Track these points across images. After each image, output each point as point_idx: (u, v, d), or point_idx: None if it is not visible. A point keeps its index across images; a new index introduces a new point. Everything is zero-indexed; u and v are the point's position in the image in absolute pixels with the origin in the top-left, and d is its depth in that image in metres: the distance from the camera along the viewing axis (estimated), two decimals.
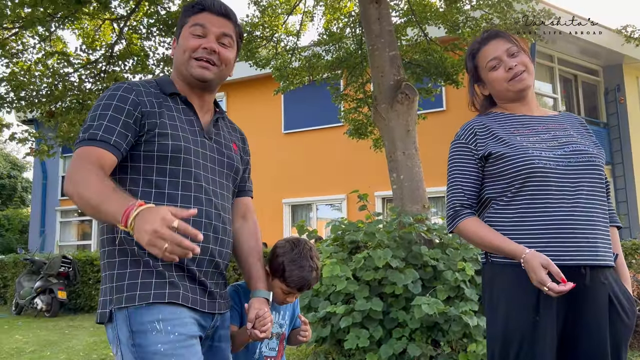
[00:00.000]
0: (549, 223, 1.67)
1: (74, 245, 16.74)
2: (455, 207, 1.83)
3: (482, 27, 7.41)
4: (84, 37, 7.56)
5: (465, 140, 1.84)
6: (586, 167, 1.73)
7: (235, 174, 1.72)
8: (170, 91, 1.61)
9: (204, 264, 1.54)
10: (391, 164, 5.19)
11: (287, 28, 8.93)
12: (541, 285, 1.58)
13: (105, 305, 1.47)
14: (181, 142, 1.53)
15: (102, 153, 1.44)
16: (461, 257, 4.29)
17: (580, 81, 12.56)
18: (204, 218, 1.53)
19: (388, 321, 4.07)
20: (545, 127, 1.84)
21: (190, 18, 1.64)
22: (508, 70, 1.81)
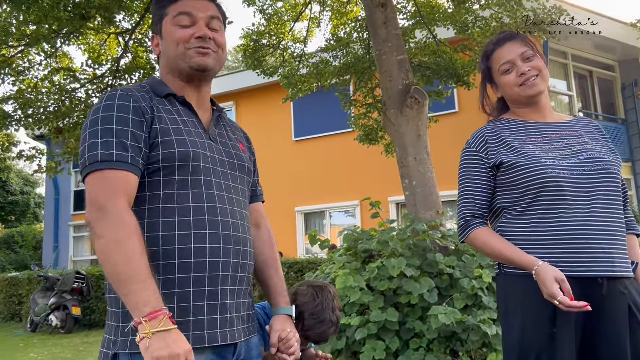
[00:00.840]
0: (564, 234, 1.64)
1: (88, 260, 16.87)
2: (466, 217, 1.81)
3: (492, 26, 7.35)
4: (89, 52, 7.64)
5: (476, 149, 1.82)
6: (602, 176, 1.70)
7: (248, 175, 1.58)
8: (166, 93, 1.47)
9: (228, 281, 1.39)
10: (403, 170, 5.15)
11: (294, 35, 8.94)
12: (552, 299, 1.55)
13: (109, 346, 1.33)
14: (189, 147, 1.39)
15: (124, 176, 1.31)
16: (478, 264, 4.23)
17: (596, 77, 12.40)
18: (220, 230, 1.38)
19: (405, 332, 4.02)
20: (558, 135, 1.81)
21: (170, 8, 1.50)
22: (520, 76, 1.79)
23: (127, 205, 1.29)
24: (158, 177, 1.37)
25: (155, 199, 1.36)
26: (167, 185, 1.37)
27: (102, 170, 1.30)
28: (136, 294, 1.20)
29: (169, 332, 1.19)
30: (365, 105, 8.60)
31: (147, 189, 1.36)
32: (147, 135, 1.37)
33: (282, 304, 1.60)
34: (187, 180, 1.38)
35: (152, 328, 1.17)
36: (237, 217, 1.45)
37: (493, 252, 1.73)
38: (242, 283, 1.45)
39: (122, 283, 1.22)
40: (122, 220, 1.26)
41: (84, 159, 1.33)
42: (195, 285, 1.34)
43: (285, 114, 12.92)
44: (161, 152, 1.36)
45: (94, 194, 1.29)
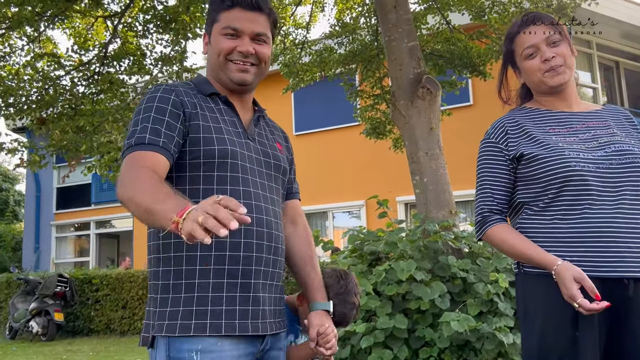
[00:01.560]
0: (588, 231, 1.65)
1: (71, 262, 16.92)
2: (483, 213, 1.82)
3: (510, 12, 7.35)
4: (75, 36, 7.65)
5: (495, 139, 1.83)
6: (630, 169, 1.70)
7: (284, 175, 1.77)
8: (210, 91, 1.66)
9: (260, 275, 1.57)
10: (413, 166, 5.15)
11: (296, 20, 8.96)
12: (571, 301, 1.57)
13: (147, 330, 1.54)
14: (227, 145, 1.57)
15: (153, 156, 1.47)
16: (493, 267, 4.24)
17: (623, 68, 12.38)
18: (255, 226, 1.57)
19: (414, 340, 4.03)
20: (584, 126, 1.82)
21: (220, 15, 1.67)
22: (544, 62, 1.79)
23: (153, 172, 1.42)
24: (198, 172, 1.55)
25: (195, 193, 1.54)
26: (207, 180, 1.55)
27: (135, 151, 1.49)
28: (161, 213, 1.25)
29: (194, 210, 1.19)
30: (372, 96, 8.61)
31: (187, 182, 1.55)
32: (182, 127, 1.55)
33: (320, 299, 1.76)
34: (226, 177, 1.56)
35: (185, 215, 1.18)
36: (270, 214, 1.63)
37: (511, 250, 1.75)
38: (274, 278, 1.63)
39: (149, 213, 1.29)
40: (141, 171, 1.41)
41: (124, 144, 1.54)
42: (229, 277, 1.52)
43: (285, 106, 12.93)
44: (202, 148, 1.55)
45: (123, 166, 1.48)
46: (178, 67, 7.32)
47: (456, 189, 5.47)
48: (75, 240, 17.74)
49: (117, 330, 10.11)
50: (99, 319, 10.28)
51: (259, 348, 1.59)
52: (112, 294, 10.23)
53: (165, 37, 7.40)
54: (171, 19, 6.91)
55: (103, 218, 16.59)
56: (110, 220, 16.83)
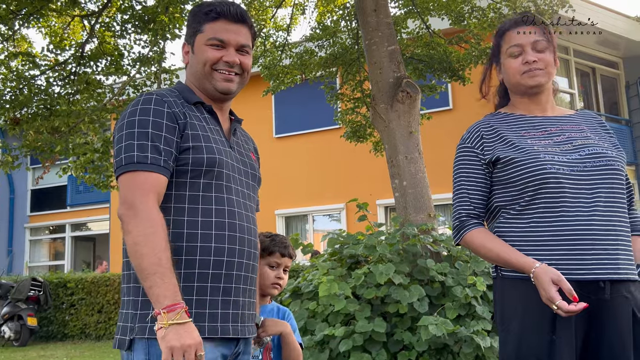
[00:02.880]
0: (565, 235, 1.67)
1: (45, 265, 16.65)
2: (461, 218, 1.84)
3: (489, 17, 7.44)
4: (51, 35, 7.54)
5: (471, 144, 1.85)
6: (604, 172, 1.73)
7: (258, 184, 1.87)
8: (195, 100, 1.71)
9: (241, 280, 1.65)
10: (393, 169, 5.17)
11: (276, 22, 8.95)
12: (550, 303, 1.58)
13: (125, 332, 1.56)
14: (215, 154, 1.63)
15: (156, 178, 1.55)
16: (472, 270, 4.27)
17: (599, 74, 12.61)
18: (237, 232, 1.64)
19: (392, 344, 4.04)
20: (559, 129, 1.84)
21: (205, 26, 1.72)
22: (525, 64, 1.81)
23: (157, 204, 1.53)
24: (185, 178, 1.61)
25: (181, 199, 1.60)
26: (193, 186, 1.61)
27: (137, 171, 1.54)
28: (158, 287, 1.43)
29: (184, 324, 1.42)
30: (352, 99, 8.63)
31: (173, 188, 1.61)
32: (178, 140, 1.60)
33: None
34: (212, 184, 1.63)
35: (169, 319, 1.40)
36: (250, 221, 1.72)
37: (489, 254, 1.76)
38: (252, 283, 1.72)
39: (145, 275, 1.45)
40: (151, 217, 1.49)
41: (120, 158, 1.56)
42: (212, 281, 1.58)
43: (265, 108, 12.90)
44: (191, 156, 1.60)
45: (127, 192, 1.53)
46: (156, 68, 7.26)
47: (435, 193, 5.50)
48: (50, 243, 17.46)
49: (93, 335, 9.96)
50: (73, 324, 10.12)
51: (233, 351, 1.65)
52: (88, 298, 10.09)
53: (144, 38, 7.33)
54: (150, 19, 6.84)
55: (79, 220, 16.36)
56: (86, 223, 16.60)
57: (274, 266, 2.05)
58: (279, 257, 2.05)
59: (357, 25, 7.76)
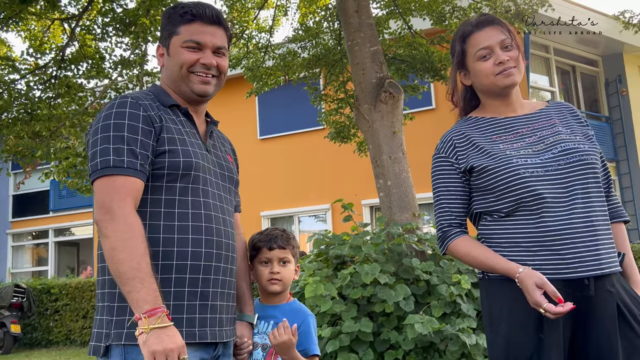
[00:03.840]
0: (546, 236, 1.68)
1: (29, 271, 16.43)
2: (443, 228, 1.86)
3: (470, 17, 7.48)
4: (30, 39, 7.46)
5: (445, 154, 1.86)
6: (578, 168, 1.74)
7: (235, 186, 1.84)
8: (170, 103, 1.69)
9: (218, 284, 1.63)
10: (377, 169, 5.19)
11: (259, 24, 8.93)
12: (537, 307, 1.59)
13: (100, 339, 1.53)
14: (192, 157, 1.61)
15: (133, 182, 1.53)
16: (456, 269, 4.30)
17: (579, 72, 12.76)
18: (214, 236, 1.63)
19: (379, 343, 4.05)
20: (530, 129, 1.84)
21: (181, 28, 1.69)
22: (498, 64, 1.80)
23: (134, 208, 1.51)
24: (161, 182, 1.59)
25: (157, 203, 1.58)
26: (169, 190, 1.60)
27: (113, 175, 1.51)
28: (138, 292, 1.41)
29: (165, 328, 1.41)
30: (336, 100, 8.64)
31: (149, 192, 1.58)
32: (154, 144, 1.58)
33: (247, 311, 1.86)
34: (188, 188, 1.61)
35: (150, 324, 1.39)
36: (227, 225, 1.70)
37: (474, 262, 1.78)
38: (231, 287, 1.70)
39: (124, 280, 1.43)
40: (128, 222, 1.47)
41: (96, 162, 1.53)
42: (189, 286, 1.57)
43: (249, 110, 12.87)
44: (167, 160, 1.59)
45: (104, 197, 1.51)
46: (138, 71, 7.21)
47: (419, 192, 5.53)
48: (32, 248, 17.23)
49: (78, 341, 9.86)
50: (58, 330, 10.01)
51: (212, 355, 1.64)
52: (72, 304, 9.98)
53: (125, 41, 7.28)
54: (131, 22, 6.80)
55: (62, 226, 16.17)
56: (69, 228, 16.42)
57: (266, 262, 1.98)
58: (266, 252, 1.98)
59: (339, 26, 7.78)
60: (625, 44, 11.96)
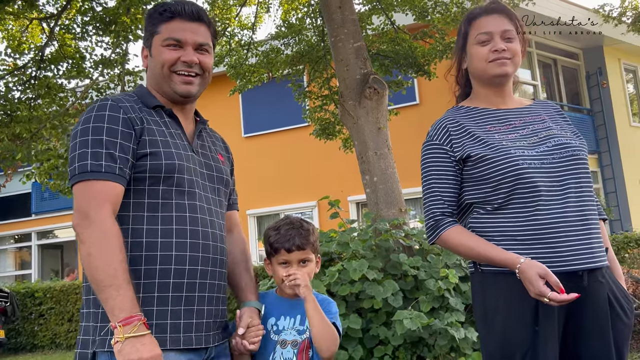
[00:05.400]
0: (541, 229, 1.68)
1: (12, 275, 16.22)
2: (435, 217, 1.80)
3: (452, 12, 7.52)
4: (8, 39, 7.34)
5: (439, 141, 1.82)
6: (571, 162, 1.74)
7: (226, 187, 1.79)
8: (154, 104, 1.65)
9: (205, 288, 1.60)
10: (363, 165, 5.19)
11: (241, 21, 8.88)
12: (540, 297, 1.58)
13: (86, 346, 1.51)
14: (174, 160, 1.58)
15: (112, 187, 1.50)
16: (443, 263, 4.31)
17: (560, 66, 12.89)
18: (200, 239, 1.59)
19: (368, 339, 4.05)
20: (522, 122, 1.84)
21: (161, 27, 1.66)
22: (493, 52, 1.78)
23: (112, 214, 1.48)
24: (143, 185, 1.56)
25: (139, 207, 1.55)
26: (152, 194, 1.56)
27: (90, 180, 1.49)
28: (113, 299, 1.39)
29: (141, 337, 1.38)
30: (320, 97, 8.63)
31: (132, 196, 1.55)
32: (134, 146, 1.55)
33: (253, 298, 1.80)
34: (172, 191, 1.58)
35: (125, 333, 1.37)
36: (215, 227, 1.66)
37: (469, 252, 1.74)
38: (219, 290, 1.66)
39: (101, 287, 1.41)
40: (105, 227, 1.45)
41: (74, 167, 1.51)
42: (174, 291, 1.54)
43: (233, 108, 12.80)
44: (149, 163, 1.55)
45: (81, 202, 1.49)
46: (120, 70, 7.13)
47: (405, 187, 5.54)
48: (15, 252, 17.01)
49: (64, 344, 9.75)
50: (43, 334, 9.89)
51: (203, 357, 1.61)
52: (57, 307, 9.87)
53: (106, 40, 7.19)
54: (111, 21, 6.72)
55: (45, 228, 15.98)
56: (52, 231, 16.23)
57: (284, 263, 1.85)
58: (285, 254, 1.84)
59: (322, 22, 7.76)
60: (605, 37, 12.10)
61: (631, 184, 12.23)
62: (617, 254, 7.39)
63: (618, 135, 12.39)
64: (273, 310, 1.87)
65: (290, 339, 1.82)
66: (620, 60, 13.29)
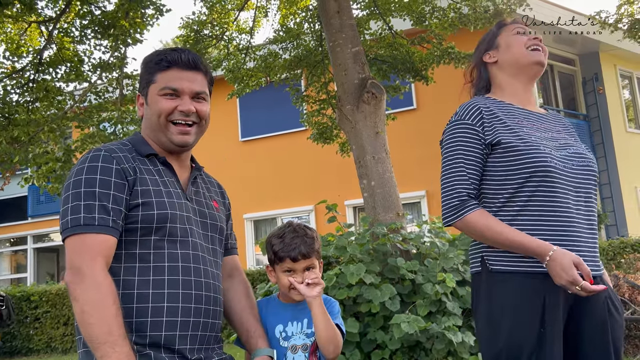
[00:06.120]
0: (555, 228, 1.69)
1: (7, 279, 16.16)
2: (461, 197, 1.71)
3: (450, 17, 7.56)
4: (7, 42, 7.34)
5: (471, 121, 1.75)
6: (585, 172, 1.76)
7: (220, 234, 1.76)
8: (147, 152, 1.64)
9: (197, 340, 1.57)
10: (360, 169, 5.21)
11: (239, 25, 8.89)
12: (571, 285, 1.56)
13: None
14: (167, 209, 1.56)
15: (104, 240, 1.47)
16: (441, 267, 4.32)
17: (557, 71, 12.95)
18: (193, 290, 1.56)
19: (365, 343, 4.06)
20: (544, 126, 1.84)
21: (157, 76, 1.65)
22: (533, 39, 1.86)
23: (105, 268, 1.46)
24: (135, 236, 1.54)
25: (131, 257, 1.53)
26: (144, 244, 1.54)
27: (84, 233, 1.46)
28: (109, 356, 1.36)
29: None
30: (318, 101, 8.65)
31: (123, 247, 1.53)
32: (127, 197, 1.53)
33: (263, 345, 1.75)
34: (164, 241, 1.55)
35: None
36: (209, 276, 1.63)
37: (498, 237, 1.66)
38: (211, 341, 1.63)
39: (96, 345, 1.38)
40: (98, 283, 1.42)
41: (66, 220, 1.49)
42: (165, 344, 1.51)
43: (230, 112, 12.81)
44: (140, 214, 1.53)
45: (74, 257, 1.46)
46: (118, 74, 7.14)
47: (402, 192, 5.56)
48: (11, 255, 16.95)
49: (59, 348, 9.72)
50: (38, 338, 9.86)
51: None
52: (53, 311, 9.84)
53: (104, 43, 7.20)
54: (110, 24, 6.73)
55: (41, 232, 15.92)
56: (48, 234, 16.17)
57: (289, 270, 1.83)
58: (290, 262, 1.81)
59: (320, 27, 7.79)
60: (601, 43, 12.17)
61: (627, 190, 12.28)
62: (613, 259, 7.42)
63: (614, 141, 12.45)
64: (279, 317, 1.87)
65: (300, 343, 1.83)
66: (616, 66, 13.36)
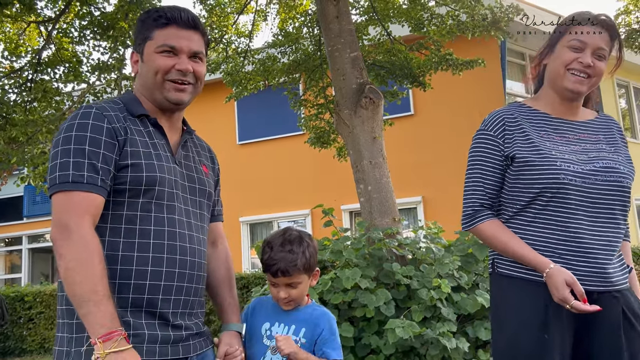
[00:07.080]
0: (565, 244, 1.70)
1: (1, 279, 16.09)
2: (474, 207, 1.82)
3: (448, 24, 7.60)
4: (6, 42, 7.34)
5: (493, 132, 1.81)
6: (612, 188, 1.74)
7: (209, 200, 1.74)
8: (139, 112, 1.61)
9: (180, 305, 1.56)
10: (357, 174, 5.22)
11: (238, 29, 8.92)
12: (563, 303, 1.61)
13: (61, 357, 1.47)
14: (156, 172, 1.54)
15: (92, 199, 1.45)
16: (436, 273, 4.33)
17: None
18: (178, 254, 1.55)
19: (360, 348, 4.06)
20: (577, 137, 1.83)
21: (154, 33, 1.62)
22: (577, 62, 1.75)
23: (92, 226, 1.44)
24: (123, 197, 1.51)
25: (117, 219, 1.51)
26: (131, 206, 1.52)
27: (71, 190, 1.44)
28: (93, 315, 1.35)
29: (122, 352, 1.34)
30: (316, 105, 8.67)
31: (110, 207, 1.51)
32: (117, 157, 1.51)
33: (234, 321, 1.77)
34: (151, 204, 1.53)
35: (105, 348, 1.33)
36: (194, 242, 1.61)
37: (502, 247, 1.75)
38: (194, 306, 1.62)
39: (80, 302, 1.37)
40: (85, 240, 1.40)
41: (54, 176, 1.46)
42: (147, 307, 1.50)
43: (228, 115, 12.82)
44: (129, 175, 1.51)
45: (61, 213, 1.44)
46: (117, 75, 7.14)
47: (399, 197, 5.57)
48: (5, 255, 16.89)
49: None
50: (32, 338, 9.82)
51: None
52: (47, 312, 9.80)
53: (103, 44, 7.21)
54: (109, 26, 6.74)
55: (36, 232, 15.88)
56: (43, 234, 16.12)
57: (274, 284, 1.84)
58: (271, 277, 1.83)
59: (319, 31, 7.82)
60: None
61: None
62: None
63: None
64: (268, 315, 1.88)
65: None
66: (612, 76, 13.42)
